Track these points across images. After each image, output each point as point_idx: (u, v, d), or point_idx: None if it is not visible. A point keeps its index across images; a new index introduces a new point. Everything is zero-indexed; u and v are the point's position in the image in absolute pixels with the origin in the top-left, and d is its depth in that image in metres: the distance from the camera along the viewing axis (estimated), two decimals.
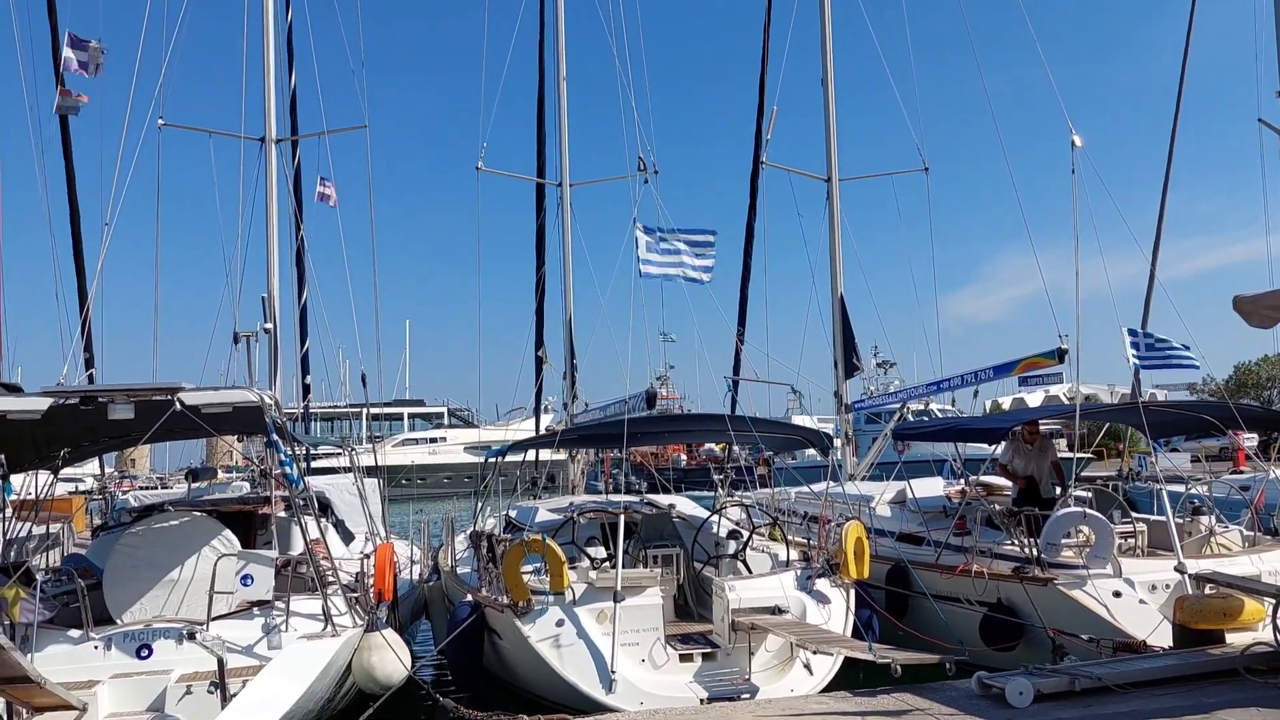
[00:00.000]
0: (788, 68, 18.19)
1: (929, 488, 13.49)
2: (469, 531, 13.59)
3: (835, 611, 9.36)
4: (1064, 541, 10.24)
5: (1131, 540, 11.05)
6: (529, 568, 9.16)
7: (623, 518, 9.57)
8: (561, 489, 17.19)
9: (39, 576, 8.44)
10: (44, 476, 9.71)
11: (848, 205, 17.73)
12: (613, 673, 8.20)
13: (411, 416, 67.38)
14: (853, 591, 9.66)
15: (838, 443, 16.38)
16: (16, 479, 9.67)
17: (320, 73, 16.43)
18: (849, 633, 9.16)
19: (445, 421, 67.45)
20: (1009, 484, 12.47)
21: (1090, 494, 12.46)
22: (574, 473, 17.29)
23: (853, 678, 8.51)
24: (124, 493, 17.12)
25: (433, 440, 60.51)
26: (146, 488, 28.93)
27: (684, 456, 53.07)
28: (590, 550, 10.50)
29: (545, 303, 18.24)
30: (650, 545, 10.71)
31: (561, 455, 17.04)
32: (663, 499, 13.23)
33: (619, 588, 8.72)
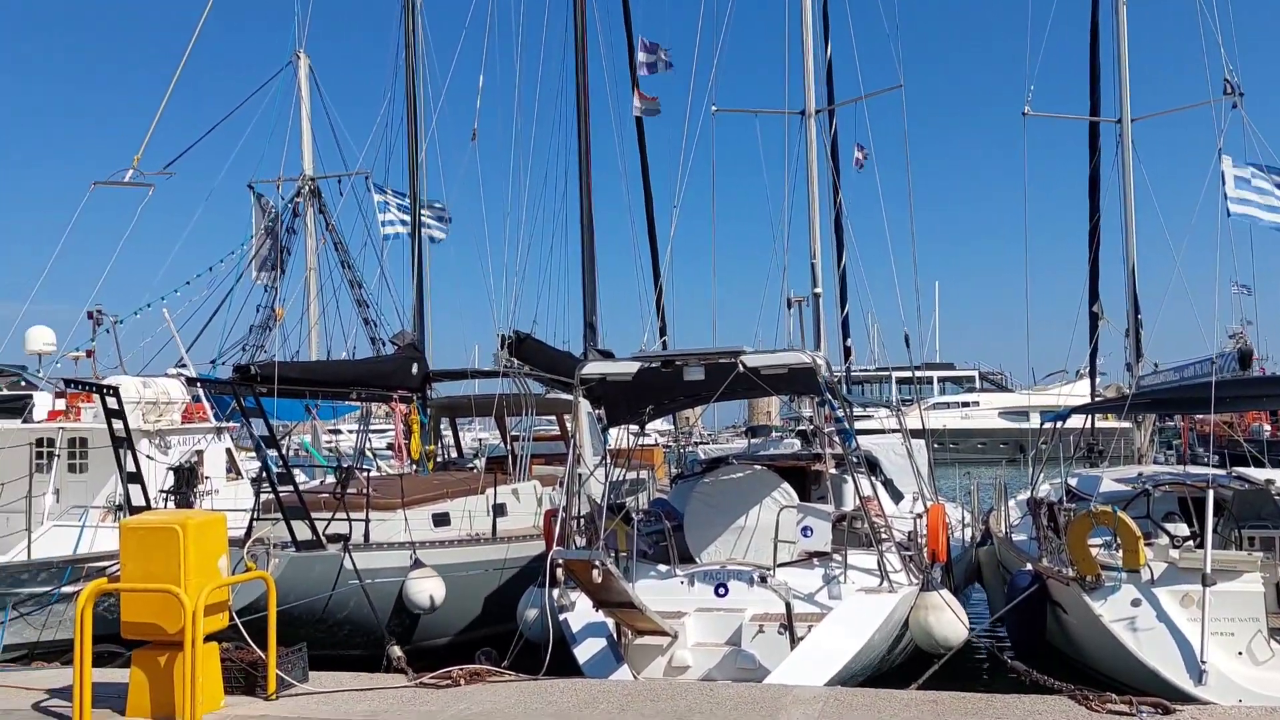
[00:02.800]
0: None
1: None
2: (1020, 498, 13.01)
3: None
4: None
5: None
6: (1096, 541, 8.64)
7: (1210, 492, 8.45)
8: (1124, 459, 15.65)
9: (635, 517, 9.70)
10: (633, 430, 11.13)
11: None
12: (1203, 663, 7.45)
13: (941, 380, 66.06)
14: None
15: None
16: (612, 432, 11.18)
17: (856, 39, 16.64)
18: None
19: (977, 385, 65.27)
20: None
21: None
22: (1139, 440, 15.66)
23: None
24: (688, 446, 19.05)
25: (964, 404, 58.80)
26: (701, 443, 32.00)
27: (1266, 426, 45.49)
28: (1169, 526, 9.51)
29: (1100, 253, 16.71)
30: (1245, 525, 9.35)
31: (1121, 422, 15.50)
32: (1257, 473, 11.51)
33: (1208, 570, 7.82)
